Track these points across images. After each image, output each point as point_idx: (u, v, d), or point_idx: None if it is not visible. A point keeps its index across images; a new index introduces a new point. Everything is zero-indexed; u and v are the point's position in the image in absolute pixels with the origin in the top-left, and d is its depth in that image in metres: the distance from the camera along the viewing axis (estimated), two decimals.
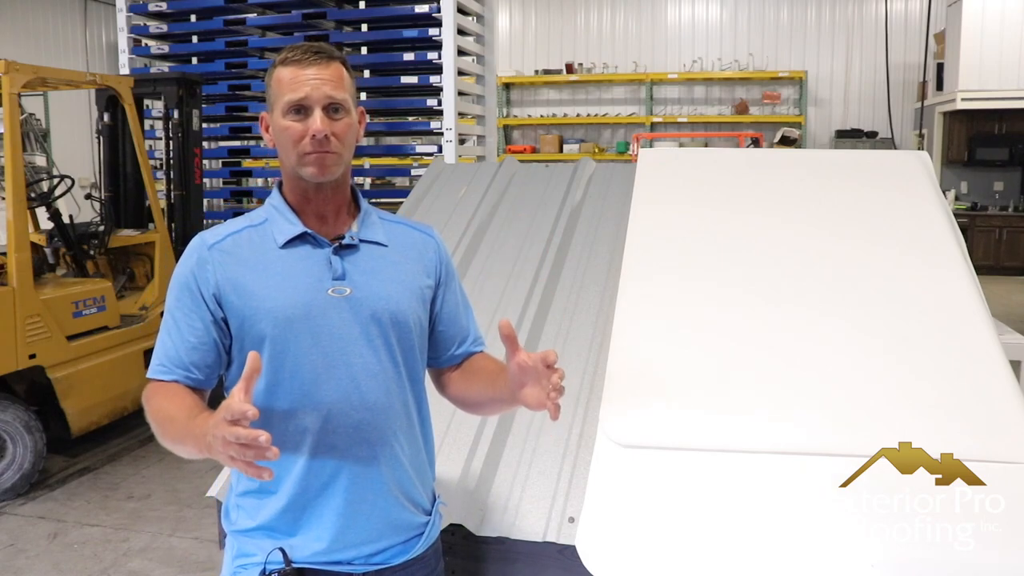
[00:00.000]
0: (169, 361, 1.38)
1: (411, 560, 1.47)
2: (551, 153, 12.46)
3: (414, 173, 6.60)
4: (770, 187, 2.36)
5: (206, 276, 1.38)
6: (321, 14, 6.41)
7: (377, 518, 1.42)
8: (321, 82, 1.37)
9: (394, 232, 1.51)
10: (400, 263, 1.47)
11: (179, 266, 1.42)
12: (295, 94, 1.36)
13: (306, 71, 1.37)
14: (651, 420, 1.69)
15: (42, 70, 4.42)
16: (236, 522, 1.45)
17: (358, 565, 1.42)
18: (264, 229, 1.43)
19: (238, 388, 1.14)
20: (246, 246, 1.41)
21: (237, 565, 1.44)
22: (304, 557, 1.40)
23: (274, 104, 1.40)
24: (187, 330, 1.38)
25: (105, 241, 5.13)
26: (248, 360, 1.17)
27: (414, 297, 1.46)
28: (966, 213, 10.97)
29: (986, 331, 1.84)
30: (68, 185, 4.82)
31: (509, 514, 1.83)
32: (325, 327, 1.38)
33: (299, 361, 1.37)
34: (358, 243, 1.43)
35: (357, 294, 1.40)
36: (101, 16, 11.80)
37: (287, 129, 1.38)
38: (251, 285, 1.37)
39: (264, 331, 1.36)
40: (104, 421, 4.66)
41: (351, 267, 1.41)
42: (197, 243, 1.42)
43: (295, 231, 1.41)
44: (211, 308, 1.38)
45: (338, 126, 1.39)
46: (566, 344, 2.35)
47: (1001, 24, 9.83)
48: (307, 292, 1.38)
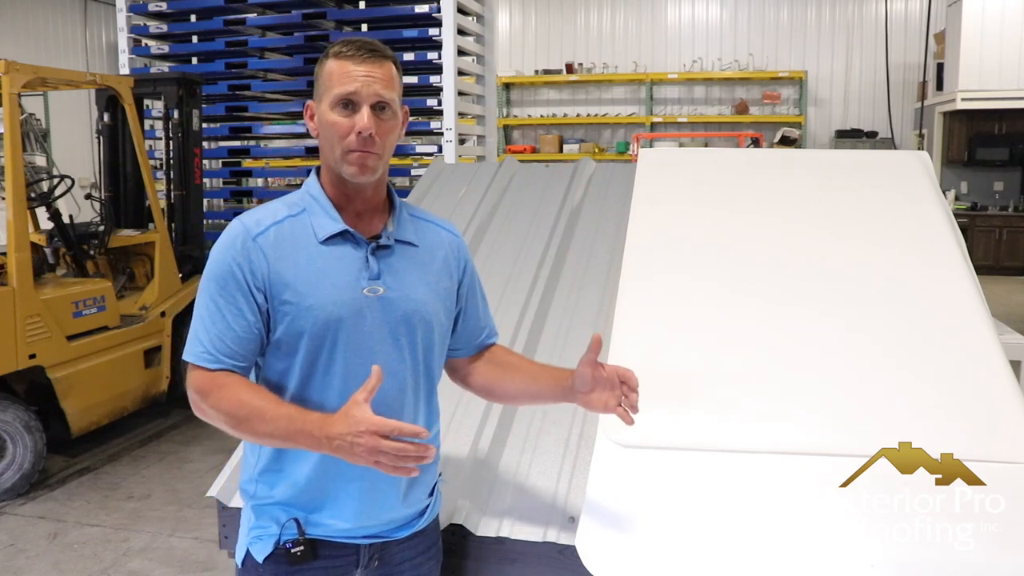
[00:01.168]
0: (216, 350, 1.38)
1: (414, 534, 1.53)
2: (551, 153, 12.46)
3: (414, 173, 6.60)
4: (770, 187, 2.36)
5: (253, 268, 1.38)
6: (321, 14, 6.41)
7: (386, 504, 1.47)
8: (373, 80, 1.38)
9: (423, 231, 1.54)
10: (429, 264, 1.51)
11: (221, 252, 1.41)
12: (345, 88, 1.37)
13: (359, 67, 1.38)
14: (651, 420, 1.69)
15: (42, 70, 4.42)
16: (256, 495, 1.48)
17: (367, 539, 1.48)
18: (303, 220, 1.43)
19: (362, 398, 1.25)
20: (288, 239, 1.41)
21: (253, 536, 1.47)
22: (318, 532, 1.45)
23: (322, 95, 1.41)
24: (233, 319, 1.38)
25: (105, 241, 5.12)
26: (373, 373, 1.27)
27: (439, 298, 1.51)
28: (966, 213, 10.97)
29: (986, 331, 1.84)
30: (68, 185, 4.82)
31: (509, 514, 1.83)
32: (359, 326, 1.40)
33: (332, 358, 1.40)
34: (393, 243, 1.46)
35: (389, 294, 1.43)
36: (101, 16, 11.80)
37: (334, 124, 1.38)
38: (294, 281, 1.39)
39: (304, 328, 1.38)
40: (104, 421, 4.66)
41: (385, 267, 1.44)
42: (239, 230, 1.41)
43: (336, 228, 1.42)
44: (258, 301, 1.39)
45: (384, 126, 1.40)
46: (566, 344, 2.35)
47: (1001, 24, 9.83)
48: (345, 291, 1.40)
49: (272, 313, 1.40)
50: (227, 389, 1.36)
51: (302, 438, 1.30)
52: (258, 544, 1.46)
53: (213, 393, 1.36)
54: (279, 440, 1.34)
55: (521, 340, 2.37)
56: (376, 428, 1.22)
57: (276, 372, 1.44)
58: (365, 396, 1.25)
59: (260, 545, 1.45)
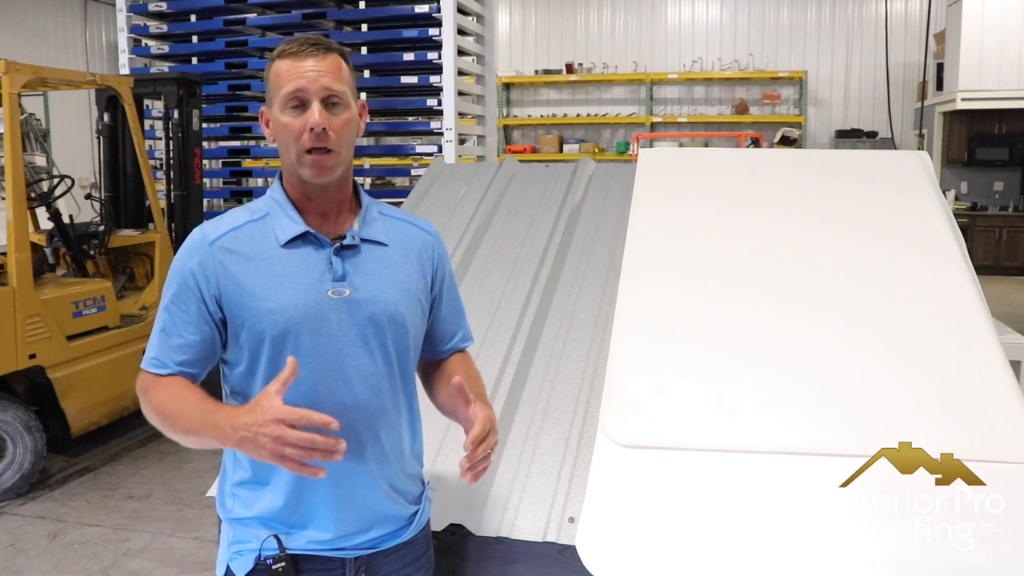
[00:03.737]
0: (165, 356, 1.39)
1: (401, 544, 1.49)
2: (551, 153, 12.46)
3: (414, 173, 6.60)
4: (770, 187, 2.35)
5: (207, 275, 1.38)
6: (321, 14, 6.41)
7: (367, 511, 1.44)
8: (319, 74, 1.36)
9: (394, 229, 1.50)
10: (399, 263, 1.47)
11: (178, 260, 1.42)
12: (293, 84, 1.35)
13: (303, 63, 1.36)
14: (651, 420, 1.69)
15: (42, 70, 4.42)
16: (232, 510, 1.46)
17: (350, 551, 1.44)
18: (265, 224, 1.42)
19: (274, 390, 1.20)
20: (247, 243, 1.40)
21: (233, 551, 1.44)
22: (299, 546, 1.41)
23: (272, 98, 1.39)
24: (184, 327, 1.38)
25: (105, 241, 5.12)
26: (287, 365, 1.23)
27: (411, 298, 1.46)
28: (966, 213, 10.97)
29: (986, 331, 1.83)
30: (68, 185, 4.82)
31: (509, 514, 1.83)
32: (324, 329, 1.37)
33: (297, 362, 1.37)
34: (359, 243, 1.43)
35: (356, 296, 1.39)
36: (101, 16, 11.80)
37: (286, 125, 1.37)
38: (252, 285, 1.37)
39: (264, 332, 1.36)
40: (104, 421, 4.66)
41: (351, 268, 1.41)
42: (198, 238, 1.42)
43: (297, 230, 1.40)
44: (211, 309, 1.38)
45: (337, 121, 1.37)
46: (566, 344, 2.35)
47: (1001, 24, 9.83)
48: (308, 293, 1.37)
49: (230, 318, 1.38)
50: (160, 389, 1.37)
51: (210, 430, 1.28)
52: (238, 560, 1.42)
53: (149, 392, 1.38)
54: (194, 436, 1.32)
55: (521, 340, 2.37)
56: (283, 416, 1.17)
57: (240, 377, 1.42)
58: (278, 388, 1.21)
59: (240, 561, 1.42)
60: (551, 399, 2.16)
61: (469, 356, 1.65)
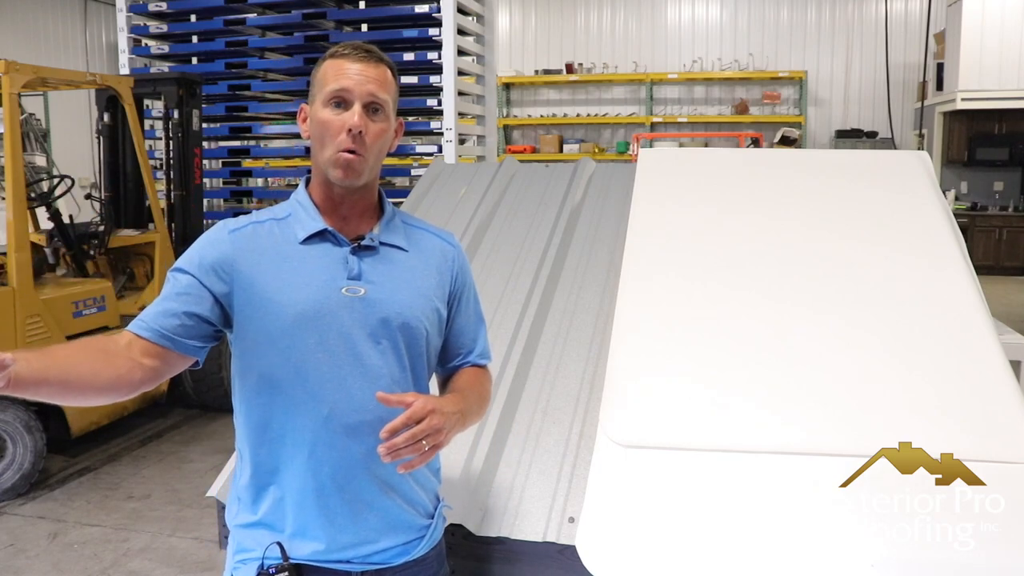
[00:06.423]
0: (152, 320, 1.36)
1: (411, 562, 1.44)
2: (551, 153, 12.46)
3: (414, 173, 6.60)
4: (770, 187, 2.36)
5: (218, 256, 1.38)
6: (321, 14, 6.41)
7: (375, 518, 1.41)
8: (366, 79, 1.37)
9: (415, 237, 1.50)
10: (418, 269, 1.46)
11: (197, 244, 1.43)
12: (339, 83, 1.36)
13: (354, 65, 1.38)
14: (651, 420, 1.69)
15: (42, 70, 4.42)
16: (237, 516, 1.45)
17: (356, 564, 1.41)
18: (287, 224, 1.43)
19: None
20: (266, 237, 1.41)
21: (237, 560, 1.44)
22: (303, 555, 1.39)
23: (316, 95, 1.40)
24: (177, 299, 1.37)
25: (105, 241, 5.12)
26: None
27: (427, 304, 1.45)
28: (966, 213, 10.97)
29: (986, 331, 1.84)
30: (68, 185, 4.82)
31: (509, 514, 1.83)
32: (333, 326, 1.37)
33: (304, 358, 1.36)
34: (377, 245, 1.43)
35: (371, 295, 1.39)
36: (101, 16, 11.80)
37: (325, 122, 1.37)
38: (264, 277, 1.37)
39: (274, 325, 1.36)
40: (104, 421, 4.66)
41: (368, 268, 1.41)
42: (219, 227, 1.43)
43: (315, 227, 1.41)
44: (215, 289, 1.37)
45: (374, 127, 1.38)
46: (566, 344, 2.35)
47: (1001, 24, 9.83)
48: (320, 290, 1.37)
49: (239, 309, 1.38)
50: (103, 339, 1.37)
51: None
52: (242, 569, 1.41)
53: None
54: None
55: (521, 340, 2.37)
56: None
57: (253, 370, 1.40)
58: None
59: (244, 570, 1.41)
60: (551, 399, 2.16)
61: (485, 373, 1.58)
